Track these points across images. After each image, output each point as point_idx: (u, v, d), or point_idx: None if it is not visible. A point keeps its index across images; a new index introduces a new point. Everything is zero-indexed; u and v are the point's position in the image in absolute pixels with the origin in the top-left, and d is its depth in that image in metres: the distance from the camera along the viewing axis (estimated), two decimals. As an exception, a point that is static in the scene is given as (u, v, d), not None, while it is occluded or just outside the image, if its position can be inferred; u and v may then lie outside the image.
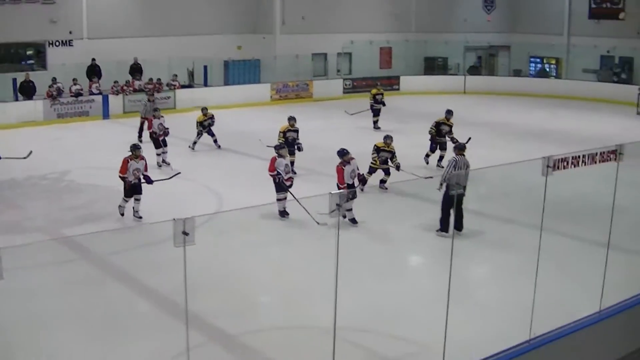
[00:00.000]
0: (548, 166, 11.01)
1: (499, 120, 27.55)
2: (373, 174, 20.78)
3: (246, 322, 12.74)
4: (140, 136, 28.38)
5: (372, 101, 31.59)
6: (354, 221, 17.55)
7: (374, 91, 31.75)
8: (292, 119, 22.82)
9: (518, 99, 40.78)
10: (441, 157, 24.11)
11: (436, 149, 24.53)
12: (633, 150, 12.61)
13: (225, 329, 12.52)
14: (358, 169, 18.52)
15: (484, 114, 35.51)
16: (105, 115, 34.95)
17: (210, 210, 18.61)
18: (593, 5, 46.92)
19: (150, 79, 36.44)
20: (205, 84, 39.41)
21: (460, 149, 17.69)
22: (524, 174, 20.06)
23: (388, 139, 20.77)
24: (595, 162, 13.04)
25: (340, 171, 18.09)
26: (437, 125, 24.53)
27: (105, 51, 36.90)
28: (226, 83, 40.34)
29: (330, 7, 43.59)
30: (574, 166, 11.98)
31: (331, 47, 43.43)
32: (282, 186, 18.25)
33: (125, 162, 18.17)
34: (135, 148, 18.61)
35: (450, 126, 24.45)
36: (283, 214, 18.31)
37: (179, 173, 20.91)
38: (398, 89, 44.03)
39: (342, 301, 9.16)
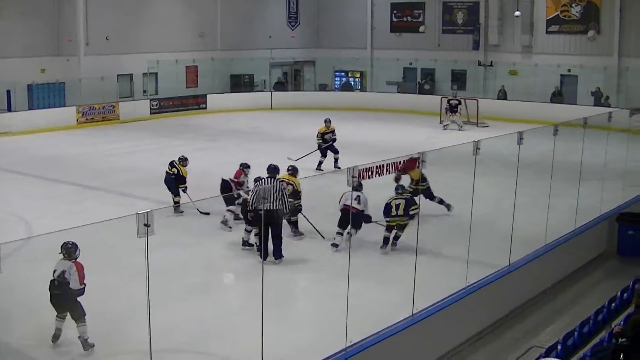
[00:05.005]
0: (353, 176, 11.20)
1: (306, 134, 27.80)
2: None
3: (61, 352, 12.32)
4: None
5: (320, 140, 27.03)
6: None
7: (322, 129, 27.13)
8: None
9: (324, 113, 41.23)
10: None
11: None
12: (435, 158, 13.00)
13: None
14: None
15: (292, 129, 35.87)
16: None
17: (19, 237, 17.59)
18: (394, 20, 48.38)
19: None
20: (9, 109, 38.08)
21: (264, 170, 17.58)
22: (332, 186, 20.47)
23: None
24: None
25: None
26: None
27: None
28: (30, 107, 38.98)
29: (134, 27, 42.85)
30: (379, 175, 12.25)
31: (137, 67, 42.64)
32: None
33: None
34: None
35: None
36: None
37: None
38: (205, 108, 43.68)
39: (157, 322, 9.02)
